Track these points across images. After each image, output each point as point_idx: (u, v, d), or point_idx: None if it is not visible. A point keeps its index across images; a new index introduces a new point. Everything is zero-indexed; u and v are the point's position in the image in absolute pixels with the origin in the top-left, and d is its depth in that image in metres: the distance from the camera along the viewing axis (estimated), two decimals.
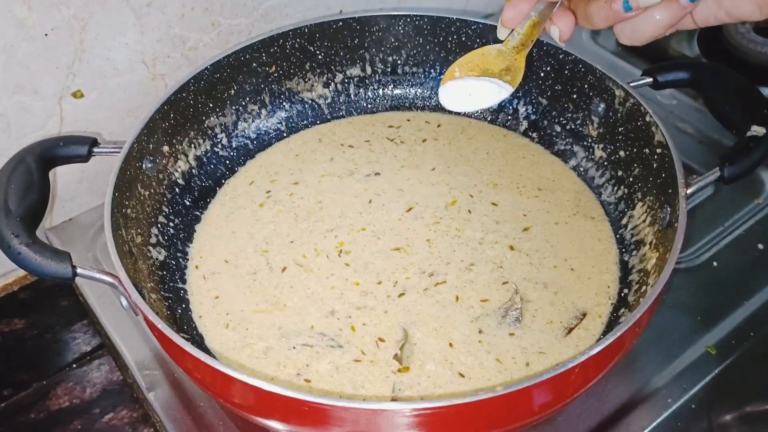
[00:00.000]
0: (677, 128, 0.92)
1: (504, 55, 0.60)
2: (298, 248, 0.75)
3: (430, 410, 0.51)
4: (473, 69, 0.61)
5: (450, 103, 0.63)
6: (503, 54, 0.60)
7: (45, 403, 0.70)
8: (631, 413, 0.66)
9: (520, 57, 0.60)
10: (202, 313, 0.70)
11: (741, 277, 0.76)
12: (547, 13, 0.57)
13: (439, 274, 0.72)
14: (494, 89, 0.61)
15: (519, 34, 0.59)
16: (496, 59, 0.61)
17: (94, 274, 0.61)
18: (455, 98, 0.62)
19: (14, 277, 0.81)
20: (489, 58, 0.61)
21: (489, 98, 0.61)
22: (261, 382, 0.52)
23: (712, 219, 0.82)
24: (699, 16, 0.54)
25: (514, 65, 0.60)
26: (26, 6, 0.70)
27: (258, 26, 0.88)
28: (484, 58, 0.61)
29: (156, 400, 0.68)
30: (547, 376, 0.52)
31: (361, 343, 0.67)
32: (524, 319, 0.68)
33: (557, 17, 0.57)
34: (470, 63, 0.62)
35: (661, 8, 0.52)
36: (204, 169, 0.81)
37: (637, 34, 0.54)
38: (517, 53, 0.60)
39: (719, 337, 0.71)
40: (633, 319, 0.56)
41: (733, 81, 0.75)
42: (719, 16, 0.53)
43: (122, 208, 0.67)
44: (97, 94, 0.79)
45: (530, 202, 0.79)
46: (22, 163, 0.66)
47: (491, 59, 0.61)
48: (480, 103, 0.62)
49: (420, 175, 0.82)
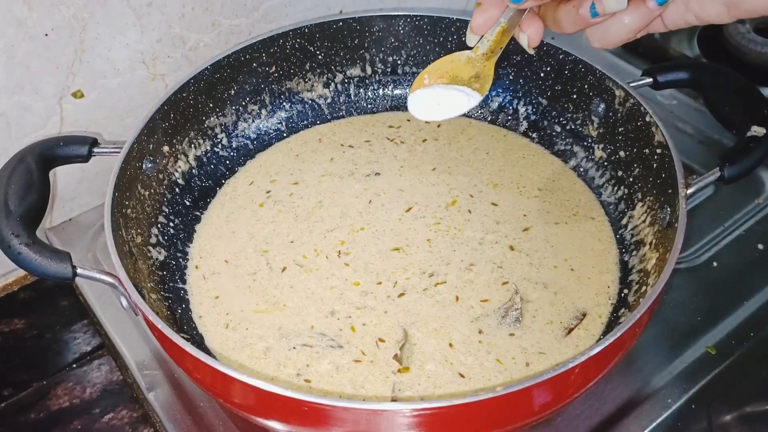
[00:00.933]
0: (677, 128, 0.92)
1: (473, 62, 0.59)
2: (298, 248, 0.75)
3: (430, 410, 0.51)
4: (442, 76, 0.60)
5: (418, 111, 0.61)
6: (473, 61, 0.59)
7: (45, 403, 0.70)
8: (631, 413, 0.66)
9: (489, 64, 0.59)
10: (202, 313, 0.70)
11: (741, 278, 0.76)
12: (517, 20, 0.57)
13: (439, 275, 0.72)
14: (463, 98, 0.60)
15: (488, 40, 0.58)
16: (465, 66, 0.60)
17: (94, 274, 0.61)
18: (424, 107, 0.61)
19: (14, 277, 0.81)
20: (458, 65, 0.60)
21: (458, 107, 0.60)
22: (261, 382, 0.52)
23: (712, 219, 0.82)
24: (668, 19, 0.54)
25: (484, 72, 0.59)
26: (26, 6, 0.70)
27: (258, 26, 0.88)
28: (453, 65, 0.60)
29: (156, 400, 0.68)
30: (547, 377, 0.52)
31: (361, 343, 0.67)
32: (524, 320, 0.68)
33: (526, 24, 0.57)
34: (439, 70, 0.61)
35: (630, 12, 0.52)
36: (204, 169, 0.81)
37: (607, 38, 0.54)
38: (486, 60, 0.59)
39: (719, 337, 0.71)
40: (633, 319, 0.56)
41: (733, 81, 0.75)
42: (688, 19, 0.53)
43: (122, 208, 0.67)
44: (97, 94, 0.79)
45: (530, 203, 0.79)
46: (22, 163, 0.66)
47: (461, 66, 0.60)
48: (448, 112, 0.60)
49: (420, 175, 0.82)
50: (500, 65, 0.86)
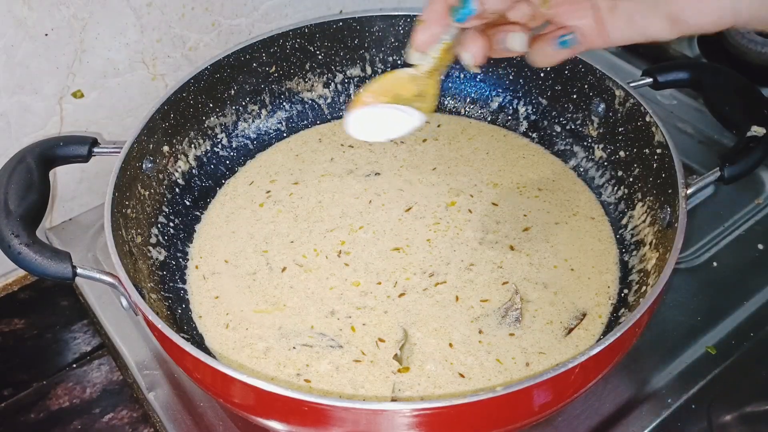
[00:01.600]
0: (677, 128, 0.92)
1: (416, 80, 0.56)
2: (297, 248, 0.75)
3: (430, 410, 0.51)
4: (384, 94, 0.57)
5: (358, 131, 0.58)
6: (416, 79, 0.56)
7: (45, 403, 0.70)
8: (631, 413, 0.66)
9: (432, 82, 0.56)
10: (202, 313, 0.70)
11: (741, 278, 0.76)
12: (461, 37, 0.54)
13: (439, 274, 0.72)
14: (405, 118, 0.57)
15: (432, 58, 0.55)
16: (408, 84, 0.57)
17: (94, 274, 0.61)
18: (364, 126, 0.58)
19: (14, 277, 0.81)
20: (401, 82, 0.57)
21: (399, 127, 0.58)
22: (261, 382, 0.52)
23: (712, 219, 0.81)
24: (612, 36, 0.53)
25: (426, 90, 0.57)
26: (26, 6, 0.70)
27: (258, 26, 0.88)
28: (395, 83, 0.57)
29: (156, 400, 0.68)
30: (547, 377, 0.52)
31: (361, 343, 0.67)
32: (524, 320, 0.68)
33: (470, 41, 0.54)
34: (381, 88, 0.58)
35: None
36: (204, 169, 0.81)
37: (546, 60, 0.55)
38: (429, 78, 0.56)
39: (719, 337, 0.71)
40: (633, 319, 0.55)
41: (734, 81, 0.74)
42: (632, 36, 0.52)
43: (122, 208, 0.67)
44: (97, 94, 0.79)
45: (530, 202, 0.79)
46: (22, 163, 0.66)
47: (404, 84, 0.57)
48: (389, 132, 0.58)
49: (420, 175, 0.82)
50: (500, 65, 0.86)
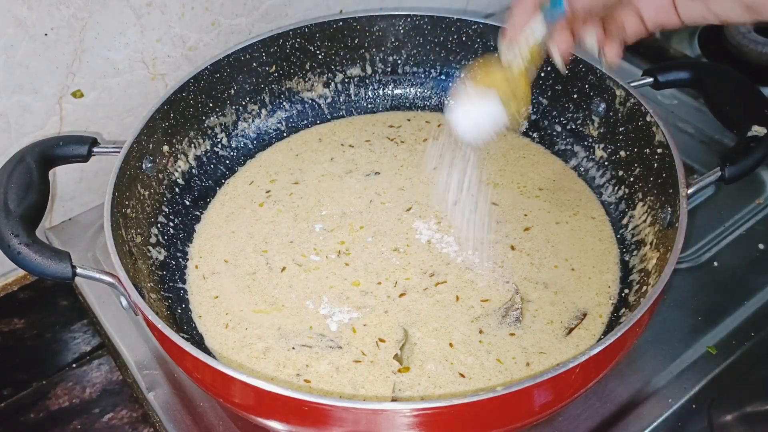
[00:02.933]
0: (678, 128, 0.92)
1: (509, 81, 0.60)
2: (297, 248, 0.75)
3: (431, 410, 0.51)
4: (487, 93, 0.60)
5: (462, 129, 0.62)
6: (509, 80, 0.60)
7: (45, 403, 0.70)
8: (631, 413, 0.66)
9: (524, 82, 0.60)
10: (201, 313, 0.70)
11: (742, 277, 0.76)
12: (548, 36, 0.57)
13: (439, 274, 0.72)
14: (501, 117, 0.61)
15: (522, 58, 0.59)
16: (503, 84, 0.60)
17: (93, 274, 0.61)
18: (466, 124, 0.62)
19: (14, 277, 0.81)
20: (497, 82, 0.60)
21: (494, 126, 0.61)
22: (261, 382, 0.52)
23: (713, 219, 0.81)
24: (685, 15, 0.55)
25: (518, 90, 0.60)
26: (26, 6, 0.70)
27: (258, 26, 0.88)
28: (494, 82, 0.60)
29: (156, 400, 0.68)
30: (548, 376, 0.52)
31: (361, 343, 0.67)
32: (524, 319, 0.68)
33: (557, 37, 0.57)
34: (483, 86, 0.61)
35: None
36: (204, 169, 0.81)
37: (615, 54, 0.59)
38: (520, 78, 0.59)
39: (720, 337, 0.71)
40: (634, 319, 0.55)
41: (734, 81, 0.74)
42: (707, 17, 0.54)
43: (122, 208, 0.67)
44: (97, 93, 0.79)
45: (531, 202, 0.79)
46: (22, 162, 0.66)
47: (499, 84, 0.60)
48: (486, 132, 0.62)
49: (420, 175, 0.82)
50: None
